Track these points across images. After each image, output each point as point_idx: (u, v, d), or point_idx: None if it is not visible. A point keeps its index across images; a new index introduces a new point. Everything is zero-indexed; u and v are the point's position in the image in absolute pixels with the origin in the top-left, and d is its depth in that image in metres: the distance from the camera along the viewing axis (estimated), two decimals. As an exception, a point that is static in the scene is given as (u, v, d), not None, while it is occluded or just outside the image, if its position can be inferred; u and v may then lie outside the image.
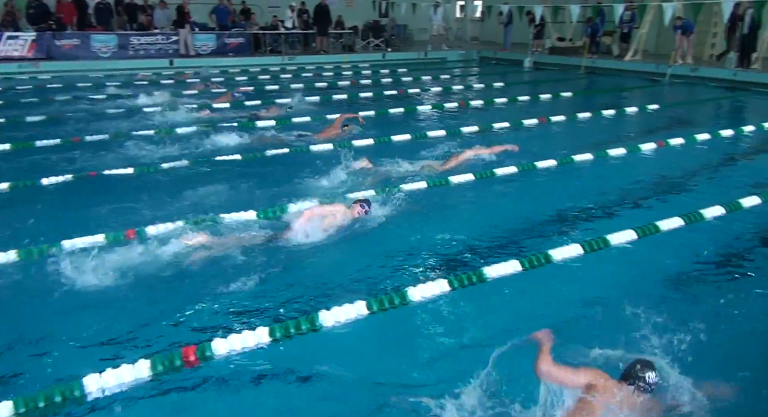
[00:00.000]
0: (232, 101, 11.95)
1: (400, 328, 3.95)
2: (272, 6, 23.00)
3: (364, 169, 7.16)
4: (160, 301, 4.20)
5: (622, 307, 3.88)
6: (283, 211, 5.78)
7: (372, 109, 11.50)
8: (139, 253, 4.78)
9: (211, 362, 3.48)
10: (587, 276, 4.75)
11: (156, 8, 20.07)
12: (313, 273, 4.73)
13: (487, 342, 3.54)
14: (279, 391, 3.35)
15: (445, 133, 9.59)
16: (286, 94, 13.08)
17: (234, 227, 5.40)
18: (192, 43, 19.44)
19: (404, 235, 5.42)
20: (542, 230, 5.64)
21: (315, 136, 9.10)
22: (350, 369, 3.46)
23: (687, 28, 17.09)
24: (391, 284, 4.46)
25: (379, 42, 23.49)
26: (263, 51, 21.27)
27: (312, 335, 3.77)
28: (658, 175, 7.66)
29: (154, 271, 4.58)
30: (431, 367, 3.49)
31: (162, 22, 20.03)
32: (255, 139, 8.93)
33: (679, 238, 5.42)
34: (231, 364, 3.48)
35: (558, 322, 3.95)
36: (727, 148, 9.21)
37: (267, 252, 4.95)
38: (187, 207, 5.89)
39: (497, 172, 7.29)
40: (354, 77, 17.11)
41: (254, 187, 6.70)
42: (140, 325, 3.86)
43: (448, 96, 14.20)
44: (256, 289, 4.37)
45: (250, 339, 3.63)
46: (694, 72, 16.58)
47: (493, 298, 4.36)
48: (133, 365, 3.34)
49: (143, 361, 3.37)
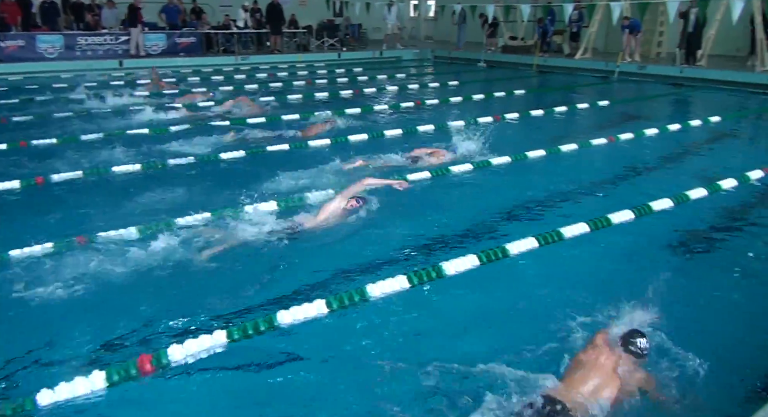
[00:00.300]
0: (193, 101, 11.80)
1: (359, 325, 3.95)
2: (224, 5, 22.71)
3: (360, 167, 7.29)
4: (114, 309, 4.08)
5: (578, 297, 3.97)
6: (237, 213, 5.72)
7: (328, 108, 11.48)
8: (90, 260, 4.64)
9: (168, 369, 3.41)
10: (543, 268, 4.84)
11: (103, 7, 19.56)
12: (271, 272, 4.69)
13: (443, 339, 3.57)
14: (236, 392, 3.31)
15: (402, 132, 9.65)
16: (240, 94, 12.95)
17: (186, 231, 5.31)
18: (142, 44, 19.01)
19: (362, 234, 5.43)
20: (498, 225, 5.73)
21: (300, 133, 9.28)
22: (310, 370, 3.45)
23: (634, 27, 17.64)
24: (350, 283, 4.46)
25: (333, 41, 23.44)
26: (215, 51, 20.98)
27: (270, 334, 3.74)
28: (609, 169, 7.87)
29: (108, 277, 4.46)
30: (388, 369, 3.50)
31: (110, 21, 19.54)
32: (225, 139, 8.90)
33: (630, 230, 5.58)
34: (189, 369, 3.42)
35: (514, 315, 4.04)
36: (674, 142, 9.52)
37: (227, 253, 4.90)
38: (136, 212, 5.77)
39: (453, 169, 7.37)
40: (309, 77, 17.03)
41: (202, 192, 6.60)
42: (93, 336, 3.74)
43: (404, 95, 14.27)
44: (213, 293, 4.31)
45: (207, 342, 3.56)
46: (642, 69, 17.12)
47: (452, 293, 4.40)
48: (86, 377, 3.23)
49: (97, 372, 3.26)
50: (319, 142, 8.80)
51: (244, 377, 3.41)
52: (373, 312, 4.05)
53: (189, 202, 6.01)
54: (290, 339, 3.73)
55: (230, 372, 3.43)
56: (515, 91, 14.57)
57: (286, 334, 3.76)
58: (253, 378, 3.41)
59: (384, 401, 3.10)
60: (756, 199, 6.69)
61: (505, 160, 7.84)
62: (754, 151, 9.11)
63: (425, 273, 4.47)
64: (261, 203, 5.91)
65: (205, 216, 5.57)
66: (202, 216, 5.56)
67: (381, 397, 3.14)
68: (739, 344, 3.78)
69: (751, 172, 7.20)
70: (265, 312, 3.96)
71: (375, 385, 3.24)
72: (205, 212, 5.61)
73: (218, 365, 3.46)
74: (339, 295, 4.11)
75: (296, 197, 6.16)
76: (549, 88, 16.61)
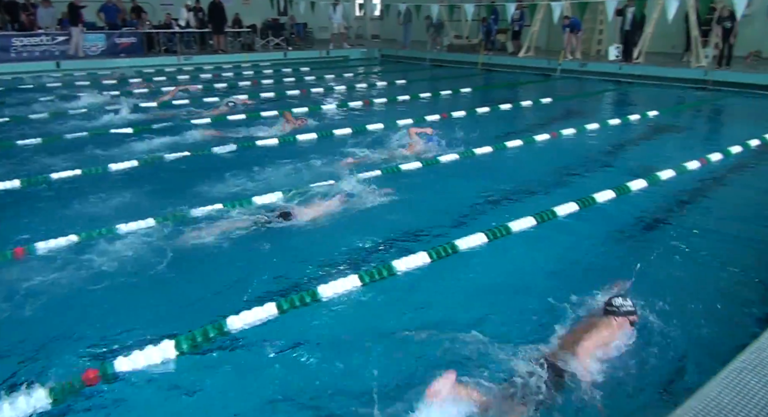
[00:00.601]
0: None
1: (311, 325, 3.91)
2: (165, 3, 22.17)
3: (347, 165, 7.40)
4: (57, 322, 3.91)
5: (527, 291, 4.04)
6: (183, 215, 5.58)
7: (275, 109, 11.36)
8: (29, 272, 4.45)
9: (115, 382, 3.29)
10: (492, 262, 4.91)
11: (39, 7, 18.79)
12: (220, 277, 4.60)
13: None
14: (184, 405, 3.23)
15: (351, 131, 9.63)
16: (183, 95, 12.68)
17: (131, 238, 5.16)
18: (82, 44, 18.35)
19: (309, 236, 5.38)
20: (447, 221, 5.77)
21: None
22: (255, 374, 3.40)
23: (574, 26, 18.11)
24: (300, 285, 4.42)
25: (279, 41, 23.19)
26: (157, 51, 20.45)
27: (221, 340, 3.66)
28: (554, 163, 8.03)
29: (52, 289, 4.28)
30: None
31: (46, 21, 18.79)
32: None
33: (575, 222, 5.73)
34: (136, 382, 3.31)
35: (467, 310, 4.08)
36: (615, 136, 9.82)
37: (176, 259, 4.78)
38: (77, 220, 5.55)
39: (402, 167, 7.40)
40: (255, 77, 16.80)
41: (143, 197, 6.41)
42: (36, 349, 3.58)
43: (351, 94, 14.24)
44: (159, 303, 4.20)
45: (155, 354, 3.45)
46: (583, 67, 17.59)
47: (401, 291, 4.41)
48: (29, 394, 3.08)
49: (41, 389, 3.12)
50: (266, 142, 8.69)
51: (198, 386, 3.33)
52: (326, 314, 4.03)
53: (129, 209, 5.85)
54: (234, 344, 3.67)
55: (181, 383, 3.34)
56: (461, 89, 14.75)
57: (232, 340, 3.70)
58: (206, 386, 3.33)
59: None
60: (693, 188, 6.95)
61: (453, 157, 7.93)
62: (690, 143, 9.47)
63: (376, 272, 4.47)
64: (207, 207, 5.79)
65: (148, 222, 5.41)
66: (146, 222, 5.40)
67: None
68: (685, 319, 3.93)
69: (688, 163, 7.49)
70: (214, 319, 3.87)
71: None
72: (148, 218, 5.46)
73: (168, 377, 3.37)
74: (290, 297, 4.06)
75: (244, 200, 6.05)
76: (494, 85, 16.87)
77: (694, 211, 6.32)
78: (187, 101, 12.15)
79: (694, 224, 5.79)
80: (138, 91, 13.54)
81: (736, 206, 6.46)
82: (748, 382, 2.75)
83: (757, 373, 2.83)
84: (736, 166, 7.90)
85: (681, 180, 7.11)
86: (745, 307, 4.15)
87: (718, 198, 6.79)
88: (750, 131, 9.35)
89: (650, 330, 3.71)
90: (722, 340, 3.69)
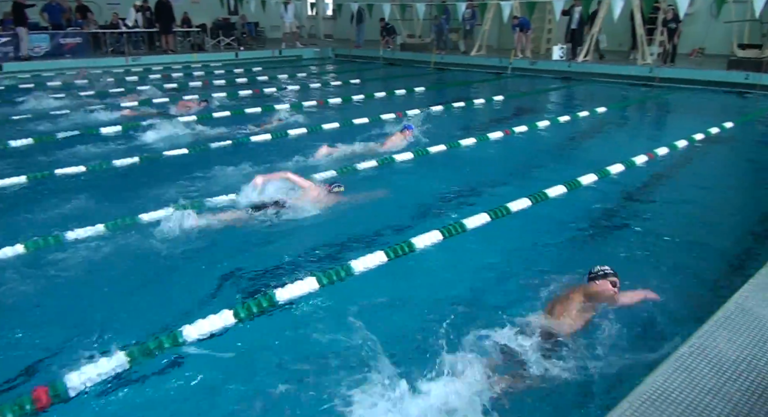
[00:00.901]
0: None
1: (276, 329, 3.87)
2: (111, 2, 21.56)
3: (327, 155, 7.75)
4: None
5: (482, 285, 4.09)
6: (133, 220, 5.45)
7: (227, 109, 11.20)
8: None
9: (66, 399, 3.16)
10: (449, 259, 4.96)
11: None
12: (182, 284, 4.51)
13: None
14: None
15: (306, 131, 9.56)
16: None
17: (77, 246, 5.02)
18: (26, 44, 17.69)
19: (268, 238, 5.33)
20: (403, 221, 5.79)
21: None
22: (215, 381, 3.34)
23: (524, 25, 18.44)
24: (257, 286, 4.37)
25: (230, 40, 22.84)
26: (104, 52, 19.88)
27: (176, 350, 3.59)
28: (507, 160, 8.17)
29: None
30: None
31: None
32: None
33: (528, 217, 5.85)
34: (90, 396, 3.21)
35: (427, 306, 4.10)
36: (565, 133, 10.03)
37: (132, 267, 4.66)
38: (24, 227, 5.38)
39: (357, 167, 7.40)
40: (206, 77, 16.51)
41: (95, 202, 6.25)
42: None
43: (306, 94, 14.15)
44: (106, 311, 4.09)
45: (106, 365, 3.33)
46: (533, 65, 17.91)
47: (361, 290, 4.40)
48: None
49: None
50: (218, 144, 8.54)
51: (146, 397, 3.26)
52: (287, 317, 3.98)
53: (78, 215, 5.67)
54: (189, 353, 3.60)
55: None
56: (415, 88, 14.82)
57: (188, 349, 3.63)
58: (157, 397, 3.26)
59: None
60: (641, 181, 7.17)
61: (407, 156, 7.96)
62: (638, 138, 9.77)
63: (334, 272, 4.45)
64: (157, 211, 5.66)
65: (97, 228, 5.26)
66: (95, 228, 5.25)
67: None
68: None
69: (636, 158, 7.72)
70: (169, 329, 3.78)
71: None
72: (98, 224, 5.30)
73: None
74: (247, 303, 4.00)
75: (196, 202, 5.94)
76: (447, 84, 17.02)
77: (642, 202, 6.52)
78: (136, 103, 11.86)
79: (644, 213, 5.99)
80: (85, 93, 13.14)
81: (682, 196, 6.68)
82: (696, 366, 2.85)
83: (705, 356, 2.93)
84: (682, 158, 8.19)
85: (629, 174, 7.31)
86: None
87: (664, 190, 7.03)
88: (694, 126, 9.70)
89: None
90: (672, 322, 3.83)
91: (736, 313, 3.37)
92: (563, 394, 3.18)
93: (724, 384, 2.72)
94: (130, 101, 11.90)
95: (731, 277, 4.49)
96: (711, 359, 2.91)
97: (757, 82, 13.92)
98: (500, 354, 3.33)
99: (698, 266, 4.84)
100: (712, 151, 8.76)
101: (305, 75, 17.91)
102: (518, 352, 3.34)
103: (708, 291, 4.37)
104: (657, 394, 2.65)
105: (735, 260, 5.01)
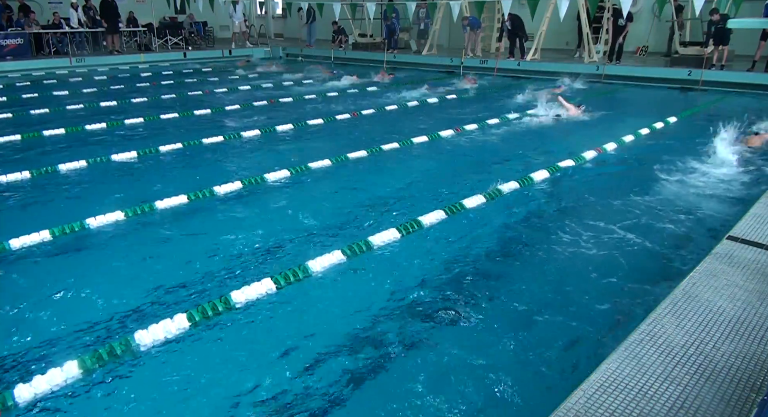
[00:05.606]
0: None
1: (229, 334, 3.81)
2: (53, 2, 20.81)
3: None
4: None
5: (441, 277, 4.13)
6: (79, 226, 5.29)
7: (176, 111, 10.98)
8: None
9: (15, 411, 3.05)
10: (408, 252, 4.99)
11: None
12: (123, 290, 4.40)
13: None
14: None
15: (259, 132, 9.45)
16: (78, 99, 12.01)
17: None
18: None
19: (219, 238, 5.25)
20: (358, 218, 5.79)
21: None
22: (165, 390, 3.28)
23: (473, 24, 18.68)
24: (216, 290, 4.30)
25: (178, 40, 22.38)
26: (46, 53, 19.18)
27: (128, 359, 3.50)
28: (459, 158, 8.25)
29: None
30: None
31: None
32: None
33: (483, 212, 5.93)
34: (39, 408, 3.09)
35: (389, 304, 4.11)
36: (515, 130, 10.20)
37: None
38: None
39: (311, 166, 7.36)
40: (154, 79, 16.13)
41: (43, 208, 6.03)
42: None
43: (256, 94, 13.98)
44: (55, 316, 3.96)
45: (58, 376, 3.23)
46: (483, 64, 18.17)
47: (318, 290, 4.39)
48: None
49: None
50: (167, 147, 8.35)
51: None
52: (240, 319, 3.93)
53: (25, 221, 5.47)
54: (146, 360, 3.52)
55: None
56: (368, 87, 14.82)
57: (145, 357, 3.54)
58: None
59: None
60: (589, 176, 7.35)
61: (361, 154, 7.96)
62: (586, 134, 9.97)
63: (291, 273, 4.42)
64: (108, 213, 5.52)
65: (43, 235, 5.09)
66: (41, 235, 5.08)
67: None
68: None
69: (585, 153, 7.92)
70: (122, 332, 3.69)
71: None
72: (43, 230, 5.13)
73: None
74: (201, 306, 3.93)
75: (146, 206, 5.80)
76: (399, 83, 17.06)
77: (591, 196, 6.68)
78: (82, 106, 11.51)
79: (591, 207, 6.14)
80: (27, 96, 12.66)
81: (629, 187, 6.87)
82: (646, 353, 2.95)
83: (654, 343, 3.03)
84: (628, 152, 8.44)
85: (579, 169, 7.49)
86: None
87: (611, 183, 7.22)
88: (639, 121, 10.01)
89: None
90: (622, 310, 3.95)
91: (683, 299, 3.50)
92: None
93: (673, 369, 2.82)
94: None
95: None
96: (660, 345, 3.01)
97: (699, 78, 14.51)
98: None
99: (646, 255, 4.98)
100: (657, 144, 9.05)
101: (256, 75, 17.67)
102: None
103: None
104: (609, 381, 2.72)
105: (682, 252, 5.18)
